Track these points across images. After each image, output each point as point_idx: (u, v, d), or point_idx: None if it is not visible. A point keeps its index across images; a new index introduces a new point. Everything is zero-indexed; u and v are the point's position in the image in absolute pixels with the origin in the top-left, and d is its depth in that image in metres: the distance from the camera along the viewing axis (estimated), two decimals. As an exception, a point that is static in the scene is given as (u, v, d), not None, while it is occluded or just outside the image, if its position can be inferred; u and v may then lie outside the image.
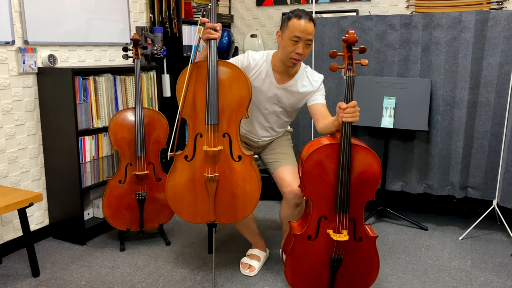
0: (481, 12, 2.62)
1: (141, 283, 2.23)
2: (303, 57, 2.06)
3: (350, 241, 1.86)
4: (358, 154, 1.77)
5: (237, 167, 2.03)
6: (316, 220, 1.84)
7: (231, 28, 4.13)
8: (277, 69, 2.16)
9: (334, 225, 1.83)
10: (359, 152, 1.77)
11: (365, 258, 1.88)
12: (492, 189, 2.79)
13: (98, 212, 2.85)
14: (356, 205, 1.83)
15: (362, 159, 1.78)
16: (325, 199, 1.81)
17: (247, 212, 2.06)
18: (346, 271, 1.90)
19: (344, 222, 1.82)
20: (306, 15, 1.98)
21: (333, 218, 1.83)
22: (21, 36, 2.49)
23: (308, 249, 1.87)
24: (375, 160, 1.78)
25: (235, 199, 2.05)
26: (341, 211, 1.80)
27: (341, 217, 1.82)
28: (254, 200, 2.05)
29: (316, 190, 1.81)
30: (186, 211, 2.08)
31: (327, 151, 1.77)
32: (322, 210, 1.83)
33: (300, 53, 2.00)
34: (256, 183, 2.04)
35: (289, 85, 2.18)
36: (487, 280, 2.28)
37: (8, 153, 2.49)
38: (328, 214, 1.83)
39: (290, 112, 2.31)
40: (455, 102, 2.77)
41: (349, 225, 1.84)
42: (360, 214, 1.84)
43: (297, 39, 1.98)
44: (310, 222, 1.84)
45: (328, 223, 1.84)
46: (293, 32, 1.97)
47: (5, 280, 2.26)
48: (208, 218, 2.08)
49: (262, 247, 2.44)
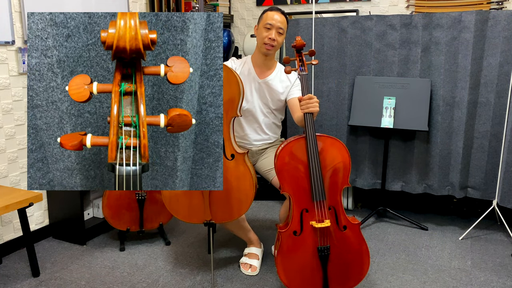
0: (481, 12, 2.62)
1: (141, 283, 2.23)
2: (276, 44, 2.25)
3: (336, 231, 1.92)
4: (325, 142, 1.92)
5: (231, 165, 2.05)
6: (298, 214, 1.91)
7: (231, 28, 4.13)
8: (256, 62, 2.35)
9: (315, 216, 1.91)
10: (325, 141, 1.92)
11: (354, 246, 1.94)
12: (492, 189, 2.79)
13: (98, 212, 2.85)
14: (332, 192, 1.92)
15: (329, 146, 1.91)
16: (302, 191, 1.91)
17: (243, 211, 2.07)
18: (337, 262, 1.93)
19: (324, 211, 1.90)
20: (278, 9, 2.27)
21: (313, 209, 1.91)
22: (21, 36, 2.49)
23: (296, 245, 1.91)
24: (342, 147, 1.93)
25: (230, 197, 2.06)
26: (318, 198, 1.88)
27: (319, 205, 1.90)
28: (249, 198, 2.06)
29: (292, 184, 1.90)
30: (182, 211, 2.09)
31: (295, 145, 1.91)
32: (301, 203, 1.91)
33: (272, 38, 2.22)
34: (250, 180, 2.05)
35: (269, 79, 2.34)
36: (487, 280, 2.28)
37: (8, 153, 2.49)
38: (308, 206, 1.91)
39: (275, 111, 2.41)
40: (455, 102, 2.77)
41: (331, 214, 1.92)
42: (339, 202, 1.93)
43: (269, 26, 2.23)
44: (293, 218, 1.91)
45: (310, 215, 1.91)
46: (266, 21, 2.24)
47: (5, 280, 2.26)
48: (204, 217, 2.08)
49: (257, 243, 2.46)
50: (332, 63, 3.00)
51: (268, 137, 2.45)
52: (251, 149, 2.44)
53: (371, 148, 3.02)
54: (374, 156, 3.03)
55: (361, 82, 2.92)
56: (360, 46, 2.93)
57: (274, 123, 2.45)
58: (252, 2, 4.00)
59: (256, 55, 2.34)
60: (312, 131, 1.89)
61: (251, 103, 2.35)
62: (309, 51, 1.99)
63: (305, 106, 1.91)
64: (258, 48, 2.32)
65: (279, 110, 2.42)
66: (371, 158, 3.04)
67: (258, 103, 2.36)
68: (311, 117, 1.91)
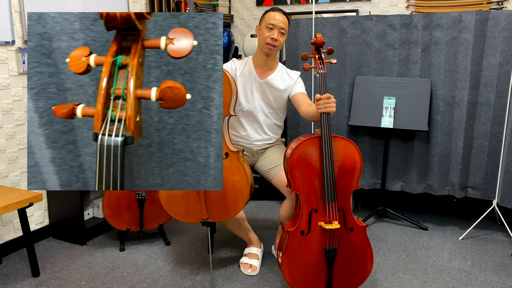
0: (481, 12, 2.62)
1: (141, 283, 2.23)
2: (278, 44, 2.25)
3: (343, 232, 1.91)
4: (339, 144, 1.90)
5: (225, 163, 2.05)
6: (307, 214, 1.90)
7: (231, 28, 4.13)
8: (257, 62, 2.35)
9: (325, 216, 1.90)
10: (339, 142, 1.91)
11: (359, 248, 1.93)
12: (492, 189, 2.79)
13: (98, 212, 2.85)
14: (343, 194, 1.92)
15: (343, 148, 1.90)
16: (313, 191, 1.89)
17: (238, 208, 2.08)
18: (342, 263, 1.93)
19: (334, 212, 1.89)
20: (280, 10, 2.27)
21: (323, 210, 1.90)
22: (21, 36, 2.49)
23: (303, 244, 1.90)
24: (355, 149, 1.91)
25: (225, 195, 2.07)
26: (330, 199, 1.87)
27: (330, 206, 1.88)
28: (244, 195, 2.07)
29: (303, 183, 1.89)
30: (179, 211, 2.10)
31: (309, 145, 1.89)
32: (311, 203, 1.90)
33: (274, 38, 2.22)
34: (244, 178, 2.06)
35: (270, 78, 2.35)
36: (487, 280, 2.28)
37: (8, 153, 2.50)
38: (317, 206, 1.90)
39: (277, 111, 2.41)
40: (455, 102, 2.77)
41: (339, 215, 1.91)
42: (348, 204, 1.93)
43: (271, 26, 2.23)
44: (302, 217, 1.90)
45: (319, 215, 1.90)
46: (268, 21, 2.24)
47: (5, 280, 2.26)
48: (201, 216, 2.09)
49: (257, 243, 2.46)
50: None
51: (269, 138, 2.45)
52: (252, 149, 2.44)
53: (371, 148, 3.02)
54: (374, 156, 3.03)
55: (361, 82, 2.92)
56: (360, 46, 2.93)
57: (276, 124, 2.45)
58: (252, 2, 4.00)
59: (258, 56, 2.35)
60: (327, 131, 1.87)
61: (252, 103, 2.36)
62: (328, 49, 1.96)
63: (322, 105, 1.89)
64: (259, 48, 2.31)
65: (282, 109, 2.43)
66: (371, 158, 3.04)
67: (259, 104, 2.37)
68: (327, 116, 1.89)
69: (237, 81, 2.35)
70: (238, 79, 2.36)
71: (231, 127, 2.45)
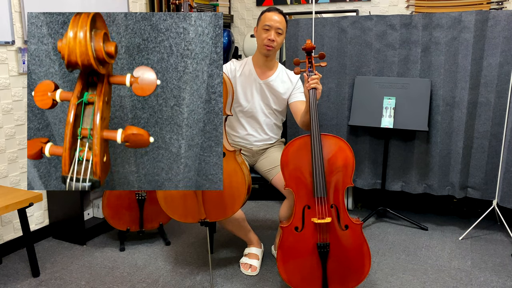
0: (481, 12, 2.62)
1: (141, 283, 2.23)
2: (276, 45, 2.26)
3: (336, 228, 1.92)
4: (329, 140, 1.95)
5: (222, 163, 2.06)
6: (301, 210, 1.93)
7: (231, 28, 4.13)
8: (257, 63, 2.36)
9: (317, 212, 1.93)
10: (330, 139, 1.95)
11: (354, 247, 1.94)
12: (492, 189, 2.79)
13: (98, 212, 2.85)
14: (334, 189, 1.94)
15: (334, 144, 1.95)
16: (304, 187, 1.94)
17: (236, 208, 2.08)
18: (337, 261, 1.93)
19: (325, 208, 1.91)
20: (276, 9, 2.27)
21: (315, 206, 1.93)
22: (21, 36, 2.49)
23: (297, 240, 1.93)
24: (346, 146, 1.95)
25: (222, 195, 2.07)
26: (319, 194, 1.89)
27: (321, 201, 1.91)
28: (242, 194, 2.07)
29: (295, 179, 1.94)
30: (177, 211, 2.10)
31: (300, 142, 1.96)
32: (303, 199, 1.94)
33: (271, 39, 2.23)
34: (242, 177, 2.06)
35: (270, 79, 2.36)
36: (487, 280, 2.28)
37: (8, 153, 2.50)
38: (310, 202, 1.93)
39: (276, 111, 2.42)
40: (455, 102, 2.77)
41: (333, 212, 1.93)
42: (342, 201, 1.94)
43: (268, 27, 2.24)
44: (295, 213, 1.93)
45: (312, 212, 1.93)
46: (264, 22, 2.24)
47: (5, 280, 2.26)
48: (199, 216, 2.09)
49: (257, 243, 2.46)
50: (332, 63, 3.00)
51: (269, 138, 2.45)
52: (252, 149, 2.44)
53: (371, 148, 3.02)
54: (374, 156, 3.03)
55: (361, 82, 2.92)
56: (360, 46, 2.93)
57: (275, 124, 2.46)
58: (252, 2, 4.00)
59: (257, 56, 2.36)
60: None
61: (252, 103, 2.37)
62: (319, 54, 2.03)
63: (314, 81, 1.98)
64: (258, 49, 2.33)
65: (281, 110, 2.44)
66: (371, 158, 3.04)
67: (259, 104, 2.38)
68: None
69: (237, 82, 2.36)
70: (238, 80, 2.36)
71: (231, 127, 2.45)
